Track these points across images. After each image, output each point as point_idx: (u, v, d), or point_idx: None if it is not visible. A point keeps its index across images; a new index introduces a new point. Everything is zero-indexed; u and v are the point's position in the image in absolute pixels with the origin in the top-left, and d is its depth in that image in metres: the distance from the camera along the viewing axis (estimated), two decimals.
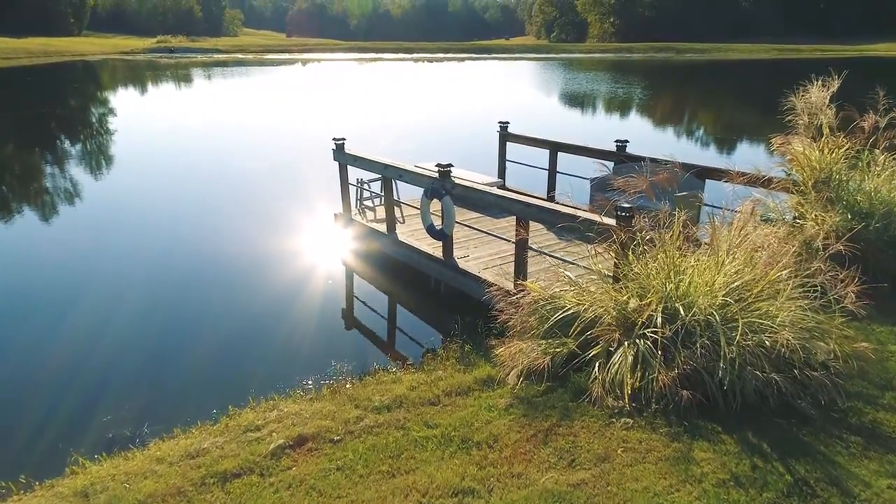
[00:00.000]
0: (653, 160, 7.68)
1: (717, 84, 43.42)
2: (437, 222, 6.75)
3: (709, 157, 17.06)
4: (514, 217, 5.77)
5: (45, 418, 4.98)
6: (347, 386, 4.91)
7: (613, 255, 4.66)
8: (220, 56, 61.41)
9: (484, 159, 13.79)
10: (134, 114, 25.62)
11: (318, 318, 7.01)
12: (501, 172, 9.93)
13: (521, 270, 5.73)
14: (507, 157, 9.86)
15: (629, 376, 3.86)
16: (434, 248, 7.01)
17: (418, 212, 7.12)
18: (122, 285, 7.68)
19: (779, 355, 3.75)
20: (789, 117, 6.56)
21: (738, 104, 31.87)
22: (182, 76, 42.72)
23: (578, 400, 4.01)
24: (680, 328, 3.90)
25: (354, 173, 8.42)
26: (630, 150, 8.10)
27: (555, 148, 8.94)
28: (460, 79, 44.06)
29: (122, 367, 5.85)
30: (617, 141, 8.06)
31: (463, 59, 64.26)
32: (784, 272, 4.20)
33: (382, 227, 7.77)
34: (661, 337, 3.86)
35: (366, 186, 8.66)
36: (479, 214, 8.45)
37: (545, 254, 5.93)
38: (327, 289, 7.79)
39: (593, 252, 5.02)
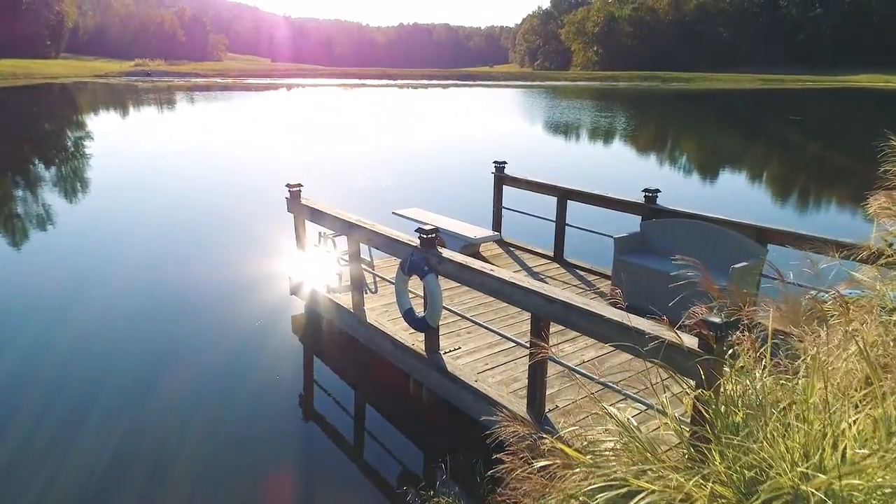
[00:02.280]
0: (695, 216, 6.04)
1: (729, 115, 40.98)
2: (420, 307, 4.98)
3: (757, 209, 13.45)
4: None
5: None
6: None
7: (692, 397, 2.91)
8: (198, 80, 59.72)
9: (473, 200, 12.06)
10: (86, 138, 23.78)
11: (269, 406, 5.25)
12: (497, 223, 8.22)
13: (537, 401, 3.96)
14: (505, 204, 8.16)
15: None
16: (414, 336, 5.23)
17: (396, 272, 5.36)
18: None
19: None
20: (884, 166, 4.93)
21: (769, 142, 27.70)
22: (150, 100, 40.85)
23: None
24: None
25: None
26: (660, 199, 6.44)
27: (564, 195, 7.26)
28: (445, 106, 42.77)
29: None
30: (646, 191, 6.40)
31: (447, 87, 63.35)
32: None
33: (348, 300, 5.98)
34: None
35: (328, 242, 6.88)
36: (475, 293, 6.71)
37: (577, 371, 4.15)
38: (282, 370, 5.95)
39: (652, 374, 3.27)
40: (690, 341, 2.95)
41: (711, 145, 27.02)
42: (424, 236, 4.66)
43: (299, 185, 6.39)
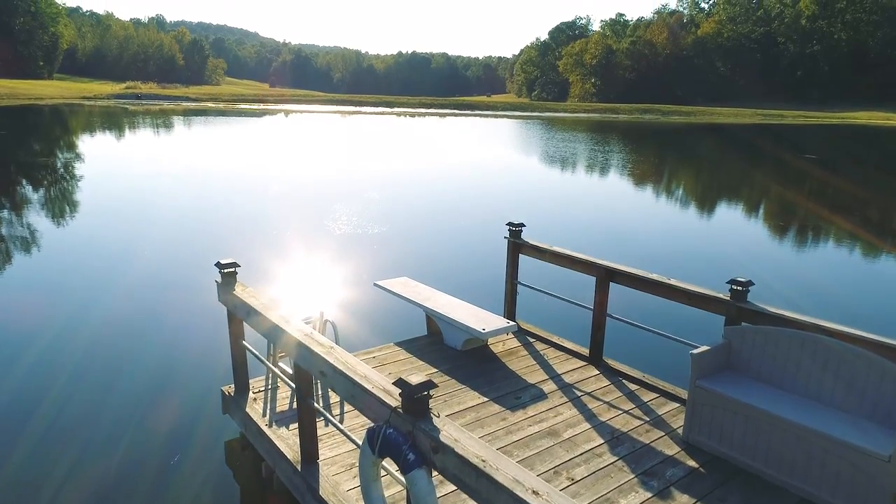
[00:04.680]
0: (805, 324, 4.11)
1: (752, 153, 36.42)
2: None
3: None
4: None
5: None
6: None
7: None
8: (188, 104, 58.22)
9: (475, 262, 10.14)
10: (46, 164, 21.75)
11: None
12: (511, 303, 6.26)
13: None
14: (520, 278, 6.21)
15: None
16: None
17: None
18: None
19: None
20: None
21: (836, 194, 22.19)
22: (130, 123, 39.08)
23: None
24: None
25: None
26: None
27: (606, 276, 5.32)
28: (442, 136, 41.18)
29: None
30: (734, 283, 4.46)
31: (444, 115, 62.14)
32: None
33: (295, 447, 3.97)
34: None
35: (271, 355, 4.90)
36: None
37: None
38: None
39: None
40: None
41: (779, 203, 20.06)
42: (412, 395, 2.67)
43: (234, 265, 4.42)
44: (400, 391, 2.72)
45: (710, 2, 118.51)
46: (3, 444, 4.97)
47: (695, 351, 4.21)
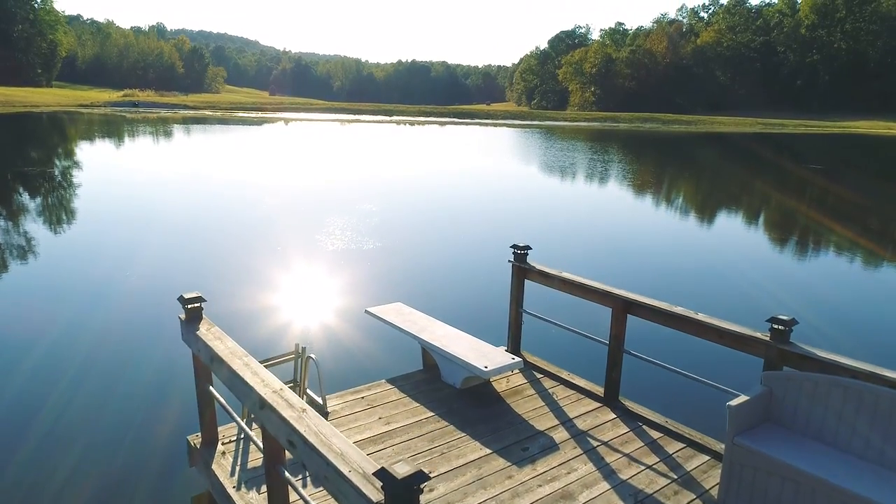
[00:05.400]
0: (857, 371, 3.54)
1: (758, 163, 34.95)
2: None
3: None
4: None
5: None
6: None
7: None
8: (186, 112, 57.80)
9: (476, 285, 9.37)
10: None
11: None
12: (515, 334, 5.68)
13: None
14: (526, 306, 5.63)
15: None
16: None
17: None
18: None
19: None
20: None
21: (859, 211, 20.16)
22: (122, 132, 38.61)
23: None
24: None
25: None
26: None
27: (624, 307, 4.75)
28: (442, 145, 40.71)
29: None
30: (775, 321, 3.88)
31: (444, 124, 61.76)
32: None
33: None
34: None
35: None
36: None
37: None
38: None
39: None
40: None
41: (812, 224, 17.57)
42: (397, 493, 2.07)
43: (199, 300, 3.84)
44: (382, 483, 2.13)
45: (710, 11, 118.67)
46: None
47: (733, 402, 3.62)
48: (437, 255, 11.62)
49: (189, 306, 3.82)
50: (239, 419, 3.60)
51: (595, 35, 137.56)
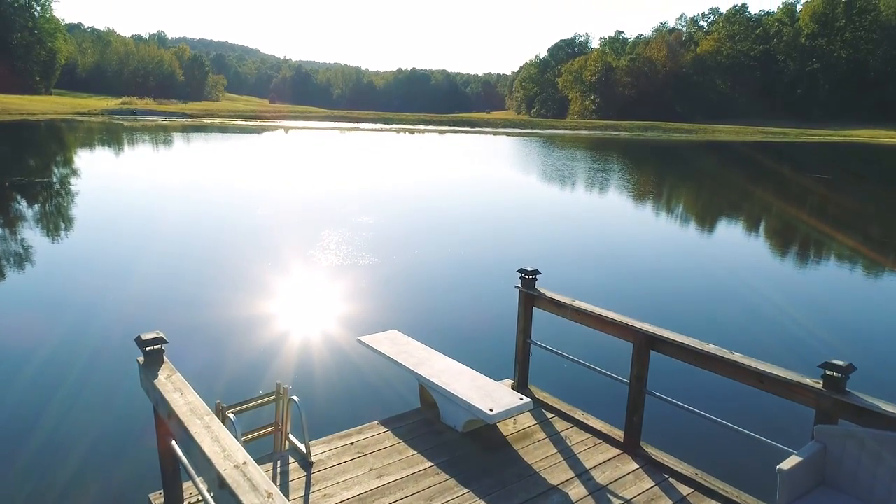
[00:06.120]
0: None
1: (767, 174, 33.61)
2: None
3: None
4: None
5: None
6: None
7: None
8: (183, 120, 57.43)
9: (478, 308, 8.61)
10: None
11: None
12: (522, 367, 5.14)
13: None
14: (534, 336, 5.10)
15: None
16: None
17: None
18: None
19: None
20: None
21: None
22: (116, 140, 38.19)
23: None
24: None
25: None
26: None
27: (647, 342, 4.21)
28: (442, 154, 40.26)
29: None
30: (828, 367, 3.35)
31: (444, 132, 61.43)
32: None
33: None
34: None
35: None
36: None
37: None
38: None
39: None
40: None
41: (856, 249, 15.51)
42: None
43: (159, 341, 3.30)
44: None
45: (709, 20, 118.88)
46: None
47: (784, 466, 3.07)
48: (437, 273, 10.76)
49: (147, 349, 3.28)
50: (202, 488, 3.05)
51: (595, 43, 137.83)
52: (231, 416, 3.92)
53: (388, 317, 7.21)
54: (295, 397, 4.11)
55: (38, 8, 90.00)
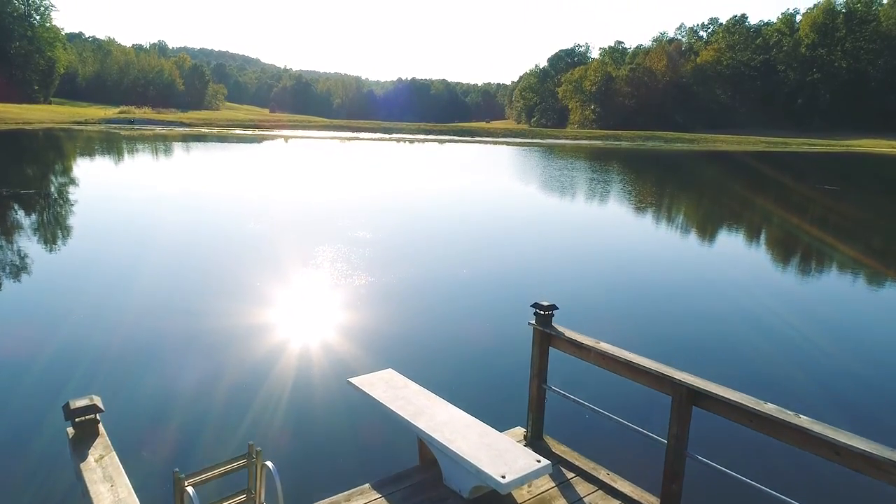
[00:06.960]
0: None
1: (781, 186, 31.58)
2: None
3: None
4: None
5: None
6: None
7: None
8: (181, 129, 56.97)
9: (484, 342, 7.57)
10: None
11: None
12: (537, 415, 4.47)
13: None
14: (550, 381, 4.43)
15: None
16: None
17: None
18: None
19: None
20: None
21: None
22: (113, 149, 37.64)
23: None
24: None
25: None
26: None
27: (689, 396, 3.55)
28: (443, 165, 39.68)
29: None
30: None
31: (444, 142, 60.98)
32: None
33: None
34: None
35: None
36: None
37: None
38: None
39: None
40: None
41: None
42: None
43: (93, 410, 2.64)
44: None
45: (709, 30, 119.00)
46: None
47: None
48: (437, 302, 9.48)
49: (78, 420, 2.62)
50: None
51: (595, 53, 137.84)
52: (190, 489, 3.25)
53: (383, 349, 6.48)
54: (269, 463, 3.44)
55: (37, 17, 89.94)
